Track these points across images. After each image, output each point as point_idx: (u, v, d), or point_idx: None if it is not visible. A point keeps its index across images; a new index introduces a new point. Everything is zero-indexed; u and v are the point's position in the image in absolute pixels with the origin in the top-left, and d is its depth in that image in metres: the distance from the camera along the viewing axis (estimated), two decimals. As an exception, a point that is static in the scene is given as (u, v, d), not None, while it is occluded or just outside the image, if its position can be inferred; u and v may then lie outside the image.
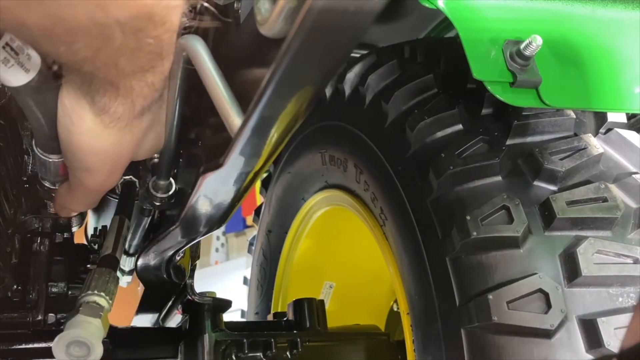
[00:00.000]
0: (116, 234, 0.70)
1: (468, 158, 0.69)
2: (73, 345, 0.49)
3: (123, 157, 0.58)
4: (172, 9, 0.44)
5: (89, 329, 0.51)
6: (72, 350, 0.49)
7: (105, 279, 0.58)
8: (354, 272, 1.29)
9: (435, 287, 0.68)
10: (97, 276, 0.59)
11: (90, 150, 0.54)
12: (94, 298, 0.55)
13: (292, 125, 0.44)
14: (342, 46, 0.37)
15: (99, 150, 0.55)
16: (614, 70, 0.65)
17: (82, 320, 0.52)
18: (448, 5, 0.61)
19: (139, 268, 0.77)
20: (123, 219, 0.73)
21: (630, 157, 0.71)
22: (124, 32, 0.42)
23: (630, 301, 0.60)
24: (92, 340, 0.49)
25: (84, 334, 0.49)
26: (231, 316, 1.60)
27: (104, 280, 0.58)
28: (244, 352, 0.90)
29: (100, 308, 0.54)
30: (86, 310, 0.53)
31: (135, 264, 0.78)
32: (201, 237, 0.61)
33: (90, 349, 0.49)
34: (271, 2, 0.40)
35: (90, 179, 0.59)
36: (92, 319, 0.52)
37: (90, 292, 0.56)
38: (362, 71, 0.90)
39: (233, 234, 4.22)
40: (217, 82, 0.47)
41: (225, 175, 0.49)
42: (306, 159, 1.08)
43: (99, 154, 0.55)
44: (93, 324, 0.52)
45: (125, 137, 0.55)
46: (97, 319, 0.52)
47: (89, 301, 0.55)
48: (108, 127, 0.53)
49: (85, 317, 0.52)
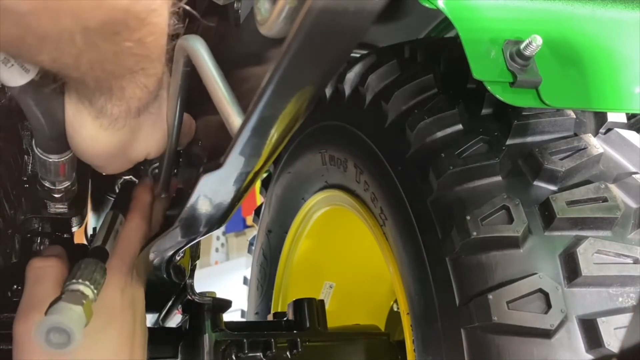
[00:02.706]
0: (108, 228, 0.70)
1: (468, 158, 0.69)
2: (53, 331, 0.47)
3: (127, 153, 0.60)
4: (150, 12, 0.42)
5: (70, 316, 0.49)
6: (52, 337, 0.47)
7: (92, 269, 0.57)
8: (354, 272, 1.29)
9: (435, 287, 0.68)
10: (84, 266, 0.57)
11: (94, 154, 0.58)
12: (78, 286, 0.54)
13: (292, 125, 0.44)
14: (342, 46, 0.37)
15: (101, 154, 0.57)
16: (614, 70, 0.65)
17: (64, 307, 0.50)
18: (448, 5, 0.61)
19: (139, 268, 0.77)
20: (117, 214, 0.72)
21: (630, 157, 0.71)
22: (99, 37, 0.41)
23: (630, 301, 0.60)
24: (72, 327, 0.47)
25: (65, 321, 0.48)
26: (231, 316, 1.60)
27: (90, 270, 0.57)
28: (244, 352, 0.89)
29: (84, 296, 0.53)
30: (68, 298, 0.52)
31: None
32: (201, 237, 0.61)
33: (70, 336, 0.47)
34: (271, 2, 0.40)
35: (105, 170, 0.63)
36: (74, 306, 0.51)
37: (74, 280, 0.55)
38: (362, 71, 0.90)
39: (233, 234, 4.22)
40: (218, 82, 0.47)
41: (225, 175, 0.49)
42: (306, 159, 1.08)
43: (102, 156, 0.58)
44: (74, 311, 0.50)
45: (124, 137, 0.56)
46: (79, 306, 0.51)
47: (73, 289, 0.54)
48: (107, 129, 0.54)
49: (66, 304, 0.51)
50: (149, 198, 0.71)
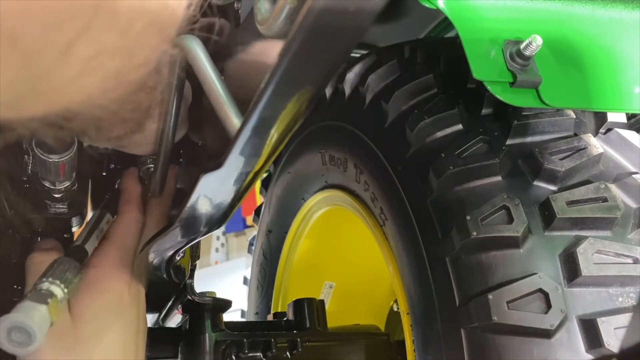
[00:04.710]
0: (92, 227, 0.69)
1: (468, 158, 0.69)
2: (14, 331, 0.46)
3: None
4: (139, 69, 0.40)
5: (31, 316, 0.48)
6: (13, 336, 0.46)
7: (64, 268, 0.56)
8: (354, 272, 1.29)
9: (435, 287, 0.68)
10: (56, 265, 0.56)
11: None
12: (46, 285, 0.53)
13: (292, 125, 0.44)
14: (342, 46, 0.37)
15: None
16: (614, 70, 0.65)
17: (27, 306, 0.49)
18: (448, 5, 0.61)
19: (139, 268, 0.77)
20: (104, 213, 0.72)
21: (630, 157, 0.71)
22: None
23: (630, 301, 0.60)
24: (33, 327, 0.47)
25: (26, 320, 0.47)
26: (231, 316, 1.60)
27: (61, 269, 0.56)
28: (244, 352, 0.90)
29: (50, 295, 0.52)
30: (33, 297, 0.51)
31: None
32: (201, 237, 0.61)
33: (31, 335, 0.47)
34: (271, 2, 0.40)
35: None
36: (39, 305, 0.50)
37: (44, 279, 0.54)
38: (362, 71, 0.90)
39: (233, 234, 4.22)
40: (215, 82, 0.47)
41: (225, 175, 0.49)
42: (306, 159, 1.08)
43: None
44: (38, 311, 0.49)
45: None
46: (43, 305, 0.50)
47: (41, 288, 0.53)
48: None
49: (31, 302, 0.50)
50: (139, 188, 0.70)
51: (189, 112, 0.65)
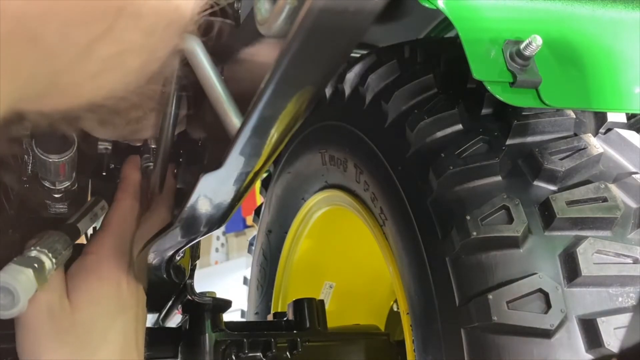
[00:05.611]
0: (86, 209, 0.69)
1: (468, 158, 0.69)
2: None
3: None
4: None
5: (17, 277, 0.47)
6: None
7: (54, 239, 0.55)
8: (354, 272, 1.29)
9: (435, 287, 0.68)
10: (46, 236, 0.56)
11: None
12: (34, 253, 0.52)
13: (292, 125, 0.44)
14: (342, 46, 0.37)
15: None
16: (614, 70, 0.65)
17: (13, 268, 0.49)
18: (448, 5, 0.61)
19: (139, 268, 0.77)
20: (99, 199, 0.72)
21: (630, 157, 0.71)
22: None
23: (630, 301, 0.60)
24: (18, 288, 0.46)
25: (11, 281, 0.46)
26: (231, 316, 1.60)
27: (51, 240, 0.55)
28: (244, 352, 0.90)
29: (37, 261, 0.51)
30: (19, 260, 0.50)
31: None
32: (201, 237, 0.61)
33: (15, 298, 0.46)
34: (271, 2, 0.40)
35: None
36: (24, 268, 0.49)
37: (33, 248, 0.53)
38: (362, 71, 0.90)
39: (233, 234, 4.22)
40: (215, 82, 0.47)
41: (225, 175, 0.49)
42: (306, 159, 1.08)
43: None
44: (23, 274, 0.48)
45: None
46: (29, 269, 0.49)
47: (28, 255, 0.52)
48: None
49: (16, 265, 0.49)
50: (138, 176, 0.70)
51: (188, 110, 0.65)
